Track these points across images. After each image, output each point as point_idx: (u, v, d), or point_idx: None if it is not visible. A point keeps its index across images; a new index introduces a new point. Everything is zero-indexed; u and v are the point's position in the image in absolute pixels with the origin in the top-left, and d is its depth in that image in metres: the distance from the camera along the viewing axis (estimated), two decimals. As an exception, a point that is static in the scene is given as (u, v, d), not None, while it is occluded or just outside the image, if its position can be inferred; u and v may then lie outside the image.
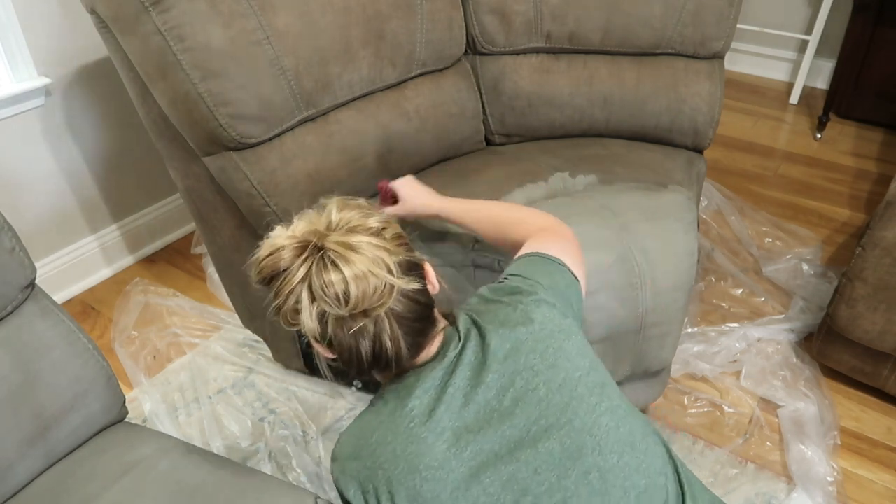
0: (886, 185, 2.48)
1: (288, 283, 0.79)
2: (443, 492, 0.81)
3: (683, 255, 1.33)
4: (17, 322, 1.06)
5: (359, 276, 0.77)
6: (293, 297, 0.80)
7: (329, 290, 0.77)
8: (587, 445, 0.83)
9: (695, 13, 1.63)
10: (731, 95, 3.15)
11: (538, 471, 0.82)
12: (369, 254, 0.79)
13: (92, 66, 1.93)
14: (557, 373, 0.85)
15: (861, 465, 1.53)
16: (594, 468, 0.82)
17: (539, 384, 0.84)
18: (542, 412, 0.83)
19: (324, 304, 0.78)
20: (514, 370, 0.85)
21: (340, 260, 0.78)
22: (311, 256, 0.79)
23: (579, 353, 0.89)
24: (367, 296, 0.78)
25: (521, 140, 1.80)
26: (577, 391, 0.85)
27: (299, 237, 0.81)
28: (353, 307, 0.78)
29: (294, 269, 0.79)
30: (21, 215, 1.90)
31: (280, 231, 0.83)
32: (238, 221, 1.45)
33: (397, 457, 0.82)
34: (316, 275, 0.78)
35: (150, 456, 1.07)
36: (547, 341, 0.87)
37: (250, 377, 1.78)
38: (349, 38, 1.40)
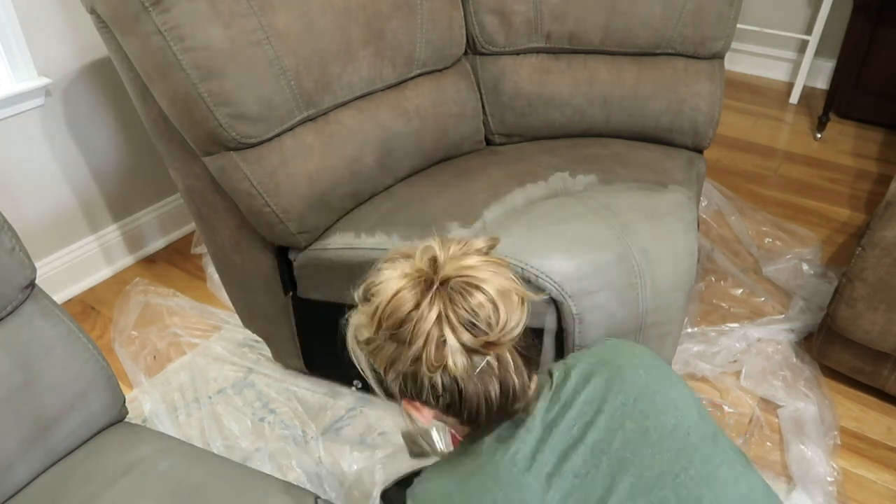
0: (886, 185, 2.48)
1: (423, 323, 0.71)
2: None
3: (683, 255, 1.33)
4: (17, 322, 1.06)
5: (501, 292, 0.72)
6: (433, 339, 0.71)
7: (480, 314, 0.71)
8: (704, 498, 0.74)
9: (695, 13, 1.63)
10: (731, 95, 3.15)
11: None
12: (493, 270, 0.74)
13: (92, 66, 1.93)
14: (668, 419, 0.78)
15: (861, 465, 1.53)
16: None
17: (650, 428, 0.77)
18: (654, 457, 0.76)
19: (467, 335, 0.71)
20: (622, 413, 0.78)
21: (475, 281, 0.72)
22: (440, 291, 0.72)
23: (688, 404, 0.82)
24: (512, 314, 0.72)
25: (521, 140, 1.80)
26: (690, 439, 0.77)
27: (413, 274, 0.73)
28: (502, 328, 0.72)
29: (425, 309, 0.71)
30: (21, 215, 1.90)
31: (388, 273, 0.75)
32: (238, 221, 1.45)
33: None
34: (456, 305, 0.71)
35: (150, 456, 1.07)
36: (654, 386, 0.81)
37: (250, 377, 1.78)
38: (349, 38, 1.40)
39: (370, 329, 0.75)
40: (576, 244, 1.29)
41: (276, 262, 1.49)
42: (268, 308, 1.59)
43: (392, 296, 0.72)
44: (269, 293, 1.56)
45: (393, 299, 0.72)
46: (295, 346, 1.66)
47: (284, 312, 1.59)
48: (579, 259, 1.27)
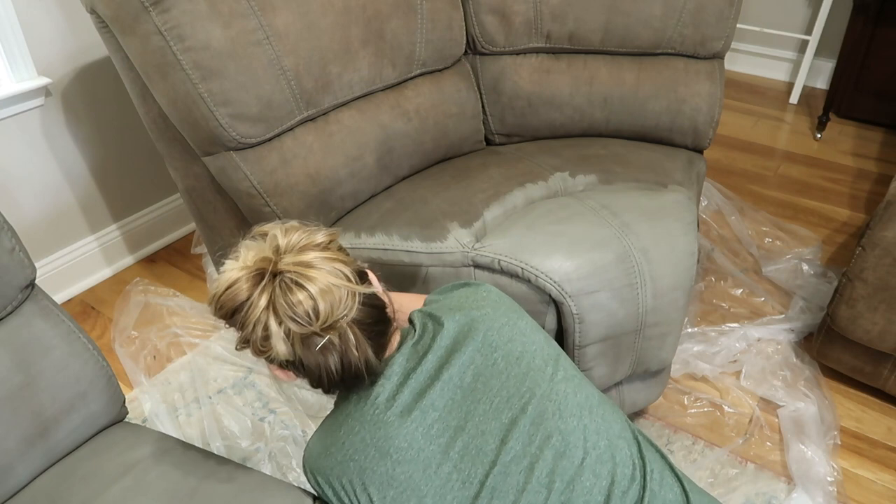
0: (886, 185, 2.48)
1: (252, 312, 0.80)
2: (415, 472, 0.83)
3: (683, 255, 1.33)
4: (17, 322, 1.06)
5: (324, 290, 0.79)
6: (260, 326, 0.80)
7: (298, 309, 0.78)
8: (548, 410, 0.87)
9: (695, 13, 1.63)
10: (731, 95, 3.15)
11: (504, 440, 0.85)
12: (326, 267, 0.81)
13: (92, 66, 1.93)
14: (514, 346, 0.90)
15: (861, 465, 1.53)
16: (556, 431, 0.86)
17: (498, 358, 0.88)
18: (502, 384, 0.87)
19: (292, 325, 0.79)
20: (472, 348, 0.88)
21: (301, 279, 0.79)
22: (270, 283, 0.80)
23: (533, 330, 0.94)
24: (335, 307, 0.80)
25: (521, 140, 1.80)
26: (535, 362, 0.90)
27: (252, 266, 0.81)
28: (324, 321, 0.79)
29: (255, 298, 0.79)
30: (21, 215, 1.90)
31: (230, 264, 0.83)
32: (238, 221, 1.45)
33: (367, 444, 0.84)
34: (281, 298, 0.79)
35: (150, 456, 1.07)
36: (501, 319, 0.92)
37: (250, 377, 1.78)
38: (349, 38, 1.40)
39: (212, 310, 0.84)
40: (576, 244, 1.29)
41: (276, 262, 1.49)
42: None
43: (226, 288, 0.81)
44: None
45: (227, 291, 0.81)
46: (295, 346, 1.66)
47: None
48: (579, 259, 1.27)
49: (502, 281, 1.29)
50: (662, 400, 1.68)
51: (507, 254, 1.28)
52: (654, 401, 1.55)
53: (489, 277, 1.31)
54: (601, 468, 0.86)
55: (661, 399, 1.68)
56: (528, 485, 0.84)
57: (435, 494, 0.83)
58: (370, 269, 0.93)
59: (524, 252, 1.28)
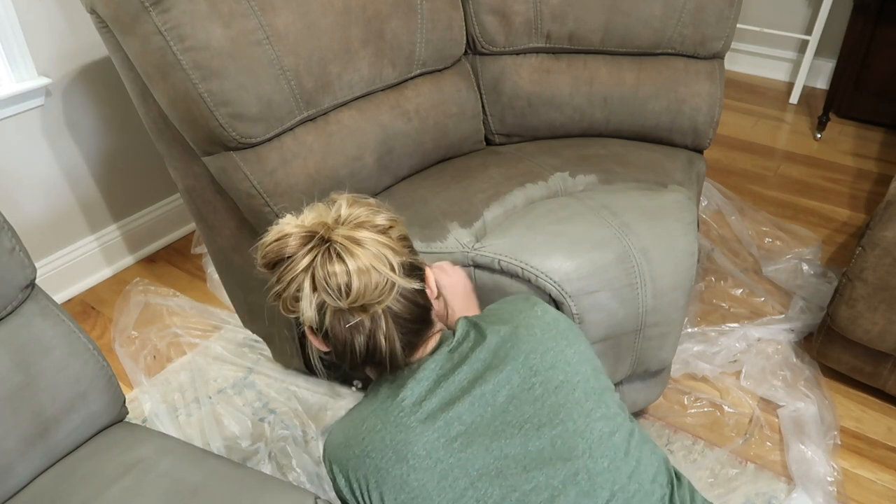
0: (886, 185, 2.48)
1: (291, 270, 0.80)
2: (429, 481, 0.82)
3: (683, 255, 1.33)
4: (17, 322, 1.06)
5: (362, 269, 0.79)
6: (294, 285, 0.81)
7: (332, 280, 0.78)
8: (578, 448, 0.83)
9: (695, 13, 1.63)
10: (731, 95, 3.15)
11: (527, 468, 0.82)
12: (374, 249, 0.80)
13: (92, 66, 1.93)
14: (556, 374, 0.86)
15: (861, 465, 1.53)
16: (583, 470, 0.83)
17: (536, 384, 0.85)
18: (536, 411, 0.84)
19: (324, 295, 0.79)
20: (511, 368, 0.86)
21: (345, 252, 0.79)
22: (318, 247, 0.80)
23: (581, 361, 0.89)
24: (369, 290, 0.79)
25: (521, 140, 1.80)
26: (574, 395, 0.86)
27: (307, 227, 0.82)
28: (353, 300, 0.79)
29: (299, 258, 0.80)
30: (21, 215, 1.90)
31: (289, 219, 0.84)
32: (238, 221, 1.45)
33: (386, 445, 0.84)
34: (320, 265, 0.79)
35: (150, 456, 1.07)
36: (548, 343, 0.88)
37: (250, 377, 1.78)
38: (349, 38, 1.40)
39: (259, 255, 0.84)
40: (576, 244, 1.29)
41: (276, 262, 1.49)
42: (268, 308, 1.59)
43: (276, 238, 0.81)
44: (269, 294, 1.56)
45: (276, 242, 0.81)
46: (295, 346, 1.66)
47: (284, 312, 1.58)
48: (579, 259, 1.27)
49: (502, 281, 1.29)
50: (662, 400, 1.68)
51: (507, 254, 1.28)
52: (654, 401, 1.55)
53: (489, 277, 1.31)
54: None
55: (661, 399, 1.68)
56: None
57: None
58: (431, 269, 0.91)
59: (524, 252, 1.28)
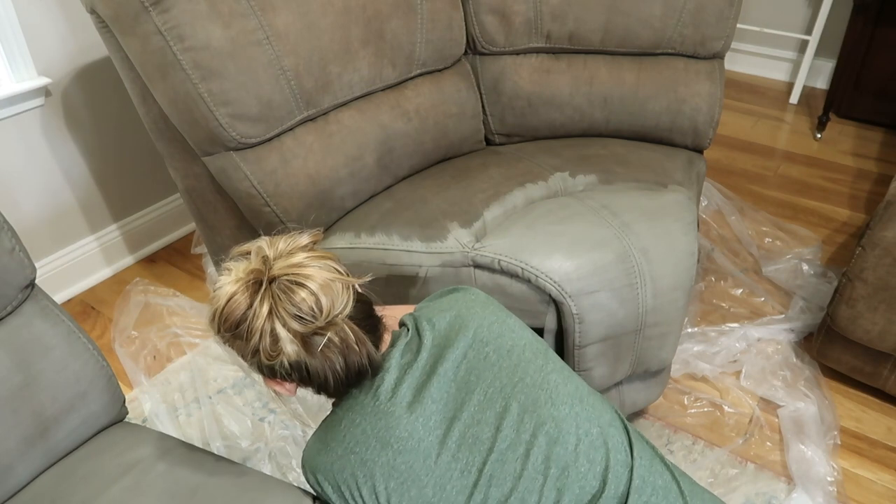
0: (886, 185, 2.48)
1: (256, 321, 0.80)
2: (416, 461, 0.85)
3: (683, 255, 1.33)
4: (17, 322, 1.06)
5: (323, 285, 0.81)
6: (266, 333, 0.81)
7: (303, 306, 0.80)
8: (540, 399, 0.89)
9: (695, 13, 1.63)
10: (731, 95, 3.15)
11: (499, 428, 0.87)
12: (318, 264, 0.83)
13: (92, 66, 1.93)
14: (504, 341, 0.93)
15: (861, 465, 1.53)
16: (549, 418, 0.88)
17: (489, 352, 0.91)
18: (495, 375, 0.90)
19: (295, 324, 0.80)
20: (464, 343, 0.91)
21: (299, 278, 0.81)
22: (268, 289, 0.81)
23: (521, 327, 0.97)
24: (336, 301, 0.82)
25: (521, 140, 1.80)
26: (525, 354, 0.93)
27: (246, 277, 0.82)
28: (326, 315, 0.81)
29: (257, 307, 0.80)
30: (21, 215, 1.90)
31: (224, 279, 0.84)
32: (238, 221, 1.45)
33: (368, 436, 0.86)
34: (283, 301, 0.80)
35: (150, 456, 1.07)
36: (490, 317, 0.95)
37: (250, 377, 1.78)
38: (349, 38, 1.40)
39: (214, 328, 0.85)
40: (576, 244, 1.29)
41: (276, 262, 1.49)
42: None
43: (226, 302, 0.81)
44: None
45: (227, 304, 0.81)
46: (295, 346, 1.66)
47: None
48: (579, 259, 1.27)
49: (502, 281, 1.29)
50: (662, 400, 1.68)
51: (507, 254, 1.28)
52: (654, 401, 1.55)
53: (489, 277, 1.31)
54: (595, 454, 0.88)
55: (661, 399, 1.68)
56: (525, 471, 0.85)
57: (435, 484, 0.84)
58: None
59: (524, 252, 1.28)
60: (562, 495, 0.85)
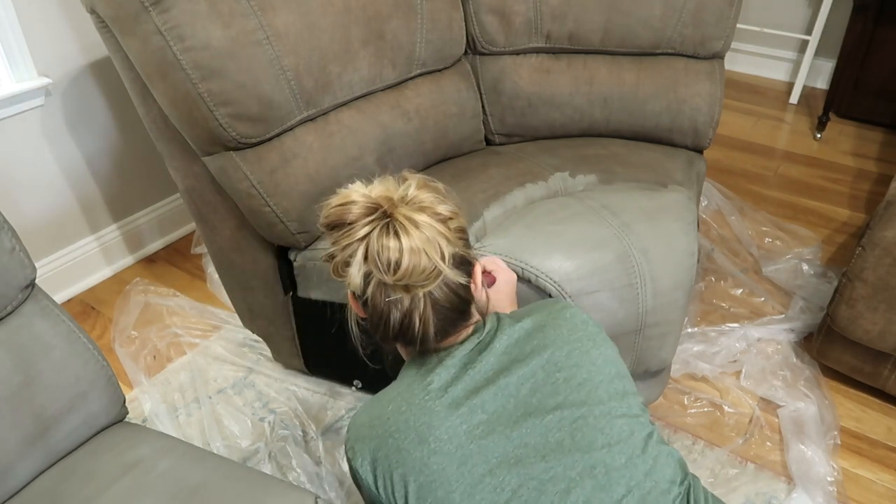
0: (886, 185, 2.48)
1: (349, 236, 0.83)
2: (449, 465, 0.83)
3: (683, 255, 1.33)
4: (17, 322, 1.06)
5: (414, 250, 0.81)
6: (349, 251, 0.83)
7: (383, 254, 0.81)
8: (597, 442, 0.85)
9: (695, 13, 1.63)
10: (731, 95, 3.15)
11: (546, 458, 0.84)
12: (429, 234, 0.82)
13: (92, 66, 1.93)
14: (580, 372, 0.88)
15: (861, 465, 1.53)
16: (601, 464, 0.84)
17: (559, 379, 0.87)
18: (558, 404, 0.86)
19: (373, 266, 0.82)
20: (537, 362, 0.88)
21: (402, 231, 0.81)
22: (378, 220, 0.83)
23: (605, 362, 0.91)
24: (416, 272, 0.82)
25: (521, 140, 1.80)
26: (597, 393, 0.88)
27: (373, 198, 0.84)
28: (399, 278, 0.81)
29: (358, 226, 0.83)
30: (21, 215, 1.90)
31: (357, 186, 0.86)
32: (238, 221, 1.45)
33: (409, 427, 0.86)
34: (376, 237, 0.82)
35: (150, 456, 1.07)
36: (574, 343, 0.90)
37: (250, 377, 1.78)
38: (349, 38, 1.40)
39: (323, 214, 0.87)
40: (576, 244, 1.29)
41: (276, 262, 1.49)
42: (268, 308, 1.59)
43: (342, 204, 0.85)
44: (269, 293, 1.56)
45: (341, 207, 0.84)
46: (295, 346, 1.66)
47: (284, 312, 1.59)
48: (579, 259, 1.27)
49: (502, 281, 1.29)
50: (662, 400, 1.68)
51: (507, 254, 1.28)
52: (654, 401, 1.55)
53: (489, 277, 1.31)
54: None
55: (661, 399, 1.68)
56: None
57: (464, 492, 0.83)
58: (481, 265, 0.94)
59: (524, 252, 1.28)
60: None
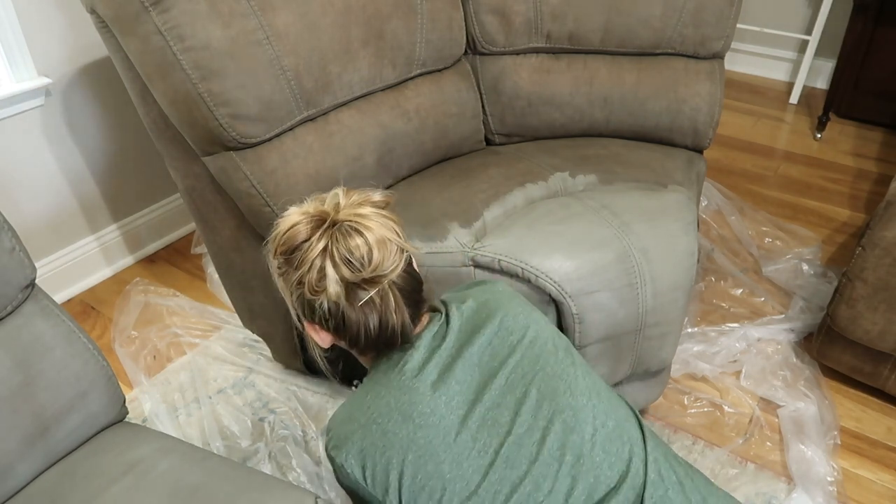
0: (886, 185, 2.48)
1: (310, 253, 0.86)
2: (435, 437, 0.87)
3: (683, 255, 1.33)
4: (17, 322, 1.06)
5: (379, 239, 0.86)
6: (315, 267, 0.86)
7: (355, 252, 0.84)
8: (559, 388, 0.92)
9: (695, 13, 1.63)
10: (731, 95, 3.15)
11: (518, 413, 0.90)
12: (380, 221, 0.88)
13: (92, 66, 1.93)
14: (529, 332, 0.96)
15: (861, 465, 1.53)
16: (567, 407, 0.91)
17: (514, 341, 0.95)
18: (517, 362, 0.93)
19: (344, 268, 0.85)
20: (490, 331, 0.95)
21: (359, 226, 0.86)
22: (329, 229, 0.86)
23: (545, 322, 1.00)
24: (386, 259, 0.86)
25: (521, 140, 1.80)
26: (547, 346, 0.96)
27: (313, 213, 0.88)
28: (373, 269, 0.85)
29: (314, 241, 0.86)
30: (21, 215, 1.90)
31: (293, 209, 0.90)
32: (238, 221, 1.45)
33: (391, 408, 0.89)
34: (338, 243, 0.85)
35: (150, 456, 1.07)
36: (516, 308, 0.98)
37: (250, 377, 1.78)
38: (349, 38, 1.40)
39: (271, 249, 0.90)
40: (576, 244, 1.29)
41: (276, 262, 1.49)
42: (268, 308, 1.59)
43: (288, 228, 0.87)
44: (269, 293, 1.56)
45: (288, 230, 0.87)
46: (295, 346, 1.66)
47: (284, 312, 1.59)
48: (579, 259, 1.27)
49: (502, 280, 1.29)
50: (662, 400, 1.68)
51: (507, 254, 1.28)
52: (654, 401, 1.55)
53: (489, 277, 1.31)
54: (610, 445, 0.90)
55: (661, 399, 1.68)
56: (540, 456, 0.88)
57: (452, 461, 0.87)
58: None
59: (524, 252, 1.28)
60: (576, 483, 0.87)
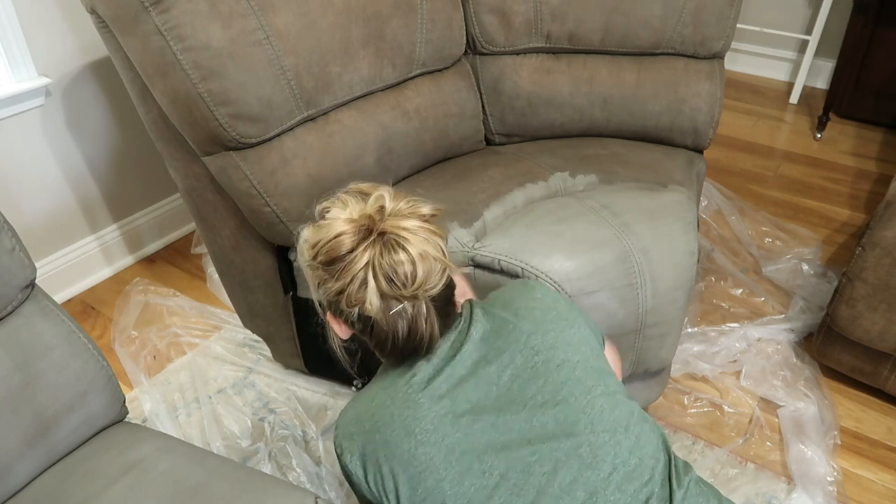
0: (886, 185, 2.48)
1: (351, 265, 0.82)
2: (436, 455, 0.85)
3: (683, 255, 1.33)
4: (17, 322, 1.06)
5: (423, 256, 0.83)
6: (358, 280, 0.83)
7: (399, 269, 0.81)
8: (580, 423, 0.87)
9: (695, 13, 1.63)
10: (731, 95, 3.15)
11: (531, 442, 0.86)
12: (425, 236, 0.84)
13: (92, 66, 1.93)
14: (557, 354, 0.90)
15: (861, 465, 1.53)
16: (586, 444, 0.86)
17: (538, 362, 0.89)
18: (539, 388, 0.88)
19: (384, 283, 0.82)
20: (514, 348, 0.89)
21: (405, 242, 0.82)
22: (374, 241, 0.83)
23: (581, 342, 0.93)
24: (429, 277, 0.83)
25: (521, 140, 1.80)
26: (575, 374, 0.89)
27: (358, 220, 0.84)
28: (416, 287, 0.82)
29: (358, 253, 0.82)
30: (21, 215, 1.90)
31: (337, 213, 0.86)
32: (238, 221, 1.45)
33: (395, 420, 0.87)
34: (383, 257, 0.82)
35: (150, 456, 1.07)
36: (548, 325, 0.92)
37: (250, 377, 1.78)
38: (349, 38, 1.40)
39: (310, 253, 0.86)
40: (575, 244, 1.29)
41: (276, 262, 1.49)
42: (268, 308, 1.59)
43: (334, 237, 0.83)
44: (269, 293, 1.56)
45: (334, 240, 0.83)
46: (295, 346, 1.66)
47: (284, 312, 1.58)
48: (579, 259, 1.27)
49: (503, 281, 1.29)
50: (662, 400, 1.68)
51: (507, 253, 1.28)
52: (654, 401, 1.55)
53: (489, 277, 1.31)
54: (628, 485, 0.86)
55: (661, 399, 1.68)
56: (550, 488, 0.84)
57: (453, 480, 0.84)
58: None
59: (524, 252, 1.28)
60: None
